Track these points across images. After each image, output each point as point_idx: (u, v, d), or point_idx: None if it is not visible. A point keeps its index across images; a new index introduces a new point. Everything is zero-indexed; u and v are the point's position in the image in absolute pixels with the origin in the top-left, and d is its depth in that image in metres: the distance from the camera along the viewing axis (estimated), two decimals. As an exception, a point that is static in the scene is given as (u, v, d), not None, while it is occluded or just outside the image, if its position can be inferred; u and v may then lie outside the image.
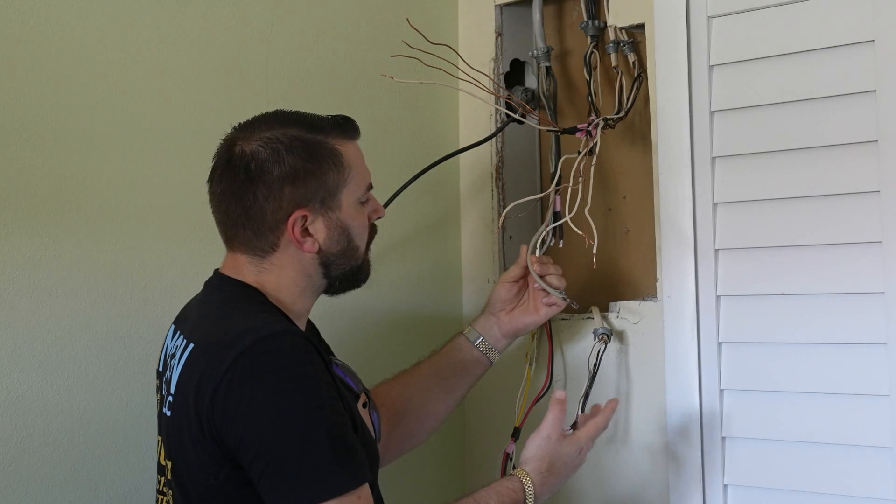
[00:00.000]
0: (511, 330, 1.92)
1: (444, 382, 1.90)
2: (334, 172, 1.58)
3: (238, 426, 1.44)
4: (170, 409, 1.55)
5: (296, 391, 1.45)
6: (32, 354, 1.74)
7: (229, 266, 1.62)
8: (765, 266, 1.88)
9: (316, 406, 1.45)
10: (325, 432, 1.44)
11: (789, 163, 1.85)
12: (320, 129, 1.60)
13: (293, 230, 1.56)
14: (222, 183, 1.59)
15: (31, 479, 1.73)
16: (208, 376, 1.47)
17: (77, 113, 1.79)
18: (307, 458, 1.43)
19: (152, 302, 1.85)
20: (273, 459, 1.43)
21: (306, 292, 1.62)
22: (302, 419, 1.44)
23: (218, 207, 1.61)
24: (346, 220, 1.60)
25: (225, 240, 1.63)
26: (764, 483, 1.88)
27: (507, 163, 2.26)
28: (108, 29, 1.83)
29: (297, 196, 1.55)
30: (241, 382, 1.44)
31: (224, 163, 1.59)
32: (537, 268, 1.89)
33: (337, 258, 1.61)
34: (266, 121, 1.60)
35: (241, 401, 1.44)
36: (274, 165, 1.55)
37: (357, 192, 1.61)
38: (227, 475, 1.48)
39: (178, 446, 1.54)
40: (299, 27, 2.06)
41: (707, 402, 1.92)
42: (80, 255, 1.79)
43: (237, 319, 1.52)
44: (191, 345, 1.54)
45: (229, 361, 1.45)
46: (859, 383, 1.78)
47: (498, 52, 2.25)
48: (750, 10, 1.88)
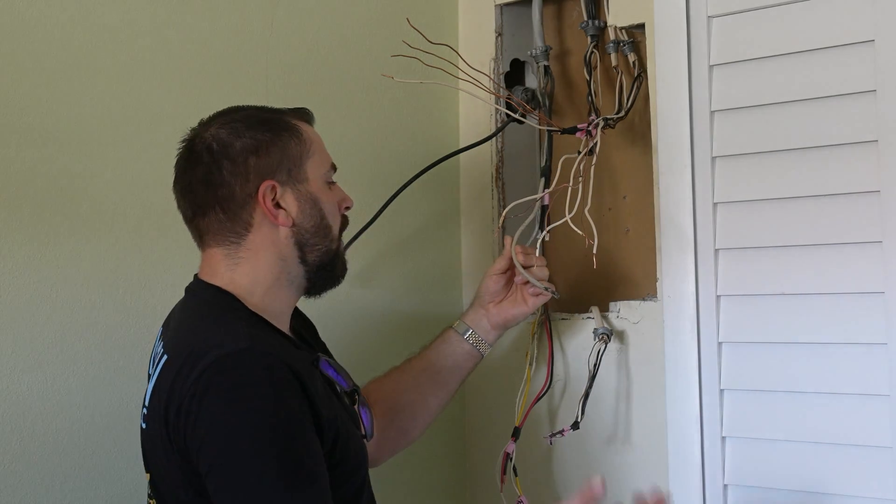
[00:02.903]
0: (500, 321, 1.92)
1: (436, 377, 1.90)
2: (295, 142, 1.59)
3: (196, 442, 1.43)
4: (145, 421, 1.55)
5: (249, 412, 1.42)
6: (32, 354, 1.74)
7: (205, 269, 1.61)
8: (765, 266, 1.88)
9: (269, 427, 1.42)
10: (275, 456, 1.41)
11: (789, 163, 1.85)
12: (275, 111, 1.63)
13: (265, 202, 1.56)
14: (186, 175, 1.59)
15: (31, 479, 1.73)
16: (177, 391, 1.46)
17: (77, 113, 1.79)
18: (255, 482, 1.40)
19: (152, 302, 1.85)
20: (223, 479, 1.42)
21: (282, 282, 1.60)
22: (251, 441, 1.41)
23: (186, 201, 1.60)
24: (316, 194, 1.60)
25: (198, 237, 1.61)
26: (764, 483, 1.88)
27: (507, 163, 2.26)
28: (108, 29, 1.83)
29: (261, 166, 1.56)
30: (200, 399, 1.43)
31: (186, 155, 1.60)
32: (521, 258, 1.89)
33: (311, 236, 1.60)
34: (222, 112, 1.63)
35: (200, 417, 1.43)
36: (235, 140, 1.57)
37: (322, 168, 1.62)
38: (197, 491, 1.46)
39: (154, 459, 1.53)
40: (299, 27, 2.06)
41: (707, 402, 1.92)
42: (80, 255, 1.79)
43: (207, 332, 1.51)
44: (164, 356, 1.53)
45: (194, 377, 1.44)
46: (859, 383, 1.78)
47: (498, 51, 2.25)
48: (750, 10, 1.88)
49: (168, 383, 1.48)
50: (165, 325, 1.64)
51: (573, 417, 1.91)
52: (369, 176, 2.09)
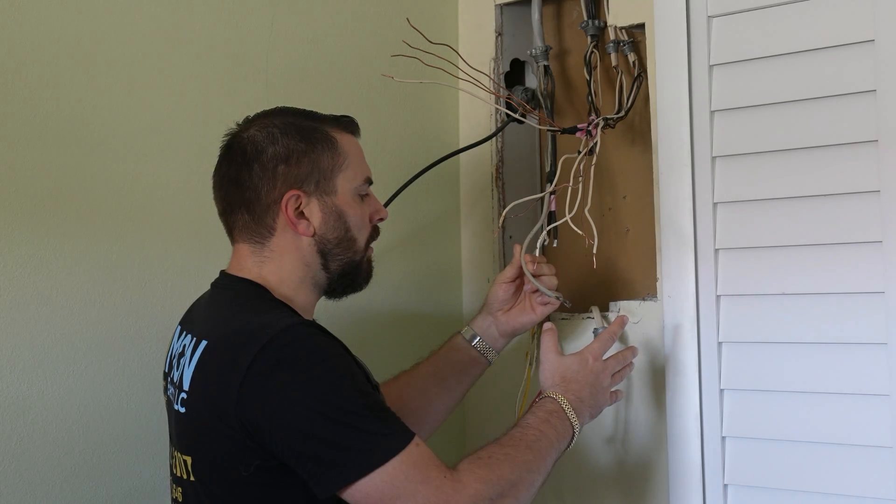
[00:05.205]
0: (509, 329, 1.92)
1: (443, 383, 1.91)
2: (328, 155, 1.61)
3: (273, 418, 1.46)
4: (183, 405, 1.56)
5: (326, 373, 1.47)
6: (32, 354, 1.74)
7: (234, 263, 1.64)
8: (765, 266, 1.88)
9: (350, 382, 1.48)
10: (364, 403, 1.47)
11: (789, 163, 1.85)
12: (317, 118, 1.65)
13: (287, 210, 1.59)
14: (221, 170, 1.64)
15: (31, 479, 1.73)
16: (229, 372, 1.48)
17: (77, 113, 1.79)
18: (359, 430, 1.45)
19: (152, 302, 1.85)
20: (325, 440, 1.45)
21: (307, 284, 1.63)
22: (340, 396, 1.46)
23: (218, 196, 1.65)
24: (343, 207, 1.62)
25: (228, 231, 1.65)
26: (764, 483, 1.88)
27: (507, 163, 2.26)
28: (108, 29, 1.83)
29: (290, 176, 1.59)
30: (268, 375, 1.46)
31: (224, 152, 1.64)
32: (531, 267, 1.89)
33: (334, 246, 1.62)
34: (266, 113, 1.66)
35: (273, 392, 1.46)
36: (268, 146, 1.60)
37: (354, 182, 1.64)
38: (259, 467, 1.49)
39: (197, 441, 1.55)
40: (299, 27, 2.06)
41: (707, 402, 1.92)
42: (80, 255, 1.79)
43: (248, 316, 1.54)
44: (203, 342, 1.55)
45: (251, 357, 1.46)
46: (859, 383, 1.78)
47: (498, 51, 2.25)
48: (750, 9, 1.88)
49: (217, 365, 1.51)
50: (186, 321, 1.66)
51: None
52: (369, 176, 2.09)
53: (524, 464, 1.57)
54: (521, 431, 1.63)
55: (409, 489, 1.45)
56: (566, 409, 1.70)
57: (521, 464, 1.57)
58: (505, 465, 1.54)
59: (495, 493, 1.51)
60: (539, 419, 1.66)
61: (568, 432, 1.69)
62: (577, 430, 1.70)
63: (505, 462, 1.55)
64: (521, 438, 1.61)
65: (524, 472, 1.57)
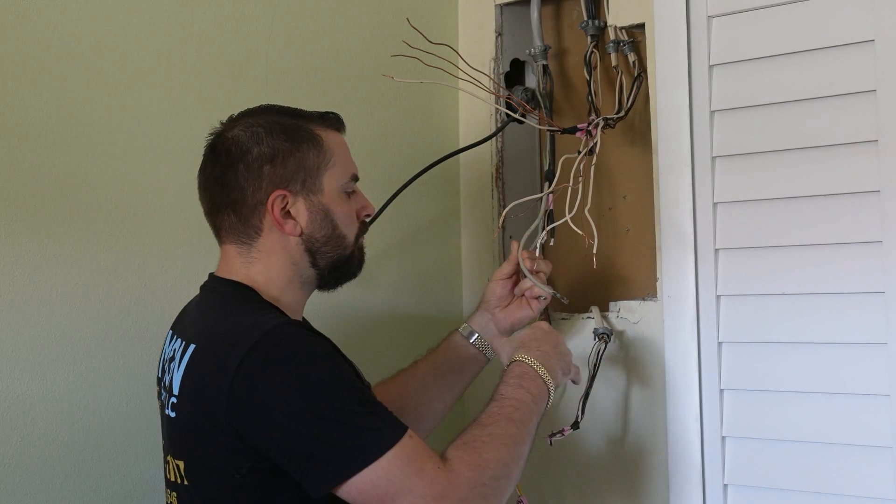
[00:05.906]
0: (506, 326, 1.92)
1: (442, 380, 1.91)
2: (314, 154, 1.60)
3: (263, 418, 1.45)
4: (173, 409, 1.55)
5: (315, 371, 1.47)
6: (32, 354, 1.74)
7: (222, 265, 1.64)
8: (765, 266, 1.88)
9: (339, 379, 1.48)
10: (355, 399, 1.47)
11: (789, 163, 1.85)
12: (301, 116, 1.64)
13: (273, 210, 1.58)
14: (206, 170, 1.63)
15: (31, 479, 1.73)
16: (218, 375, 1.47)
17: (77, 113, 1.79)
18: (351, 426, 1.44)
19: (152, 302, 1.85)
20: (317, 438, 1.44)
21: (295, 283, 1.63)
22: (330, 394, 1.46)
23: (204, 196, 1.64)
24: (329, 205, 1.62)
25: (215, 232, 1.65)
26: (764, 483, 1.88)
27: (507, 163, 2.26)
28: (108, 29, 1.83)
29: (276, 176, 1.58)
30: (257, 376, 1.45)
31: (208, 152, 1.63)
32: (528, 263, 1.89)
33: (322, 245, 1.62)
34: (250, 112, 1.65)
35: (262, 393, 1.45)
36: (253, 146, 1.59)
37: (341, 179, 1.63)
38: (251, 468, 1.49)
39: (189, 445, 1.54)
40: (299, 27, 2.06)
41: (707, 402, 1.92)
42: (80, 255, 1.79)
43: (237, 318, 1.53)
44: (192, 346, 1.54)
45: (239, 358, 1.46)
46: (859, 383, 1.78)
47: (498, 51, 2.25)
48: (750, 9, 1.88)
49: (205, 368, 1.51)
50: (177, 325, 1.65)
51: (573, 417, 1.91)
52: (369, 176, 2.07)
53: (509, 439, 1.56)
54: (499, 405, 1.62)
55: (406, 483, 1.45)
56: (536, 368, 1.69)
57: (507, 440, 1.56)
58: (492, 447, 1.53)
59: (488, 476, 1.50)
60: (512, 387, 1.65)
61: (543, 391, 1.67)
62: (551, 388, 1.69)
63: (491, 444, 1.54)
64: (500, 413, 1.60)
65: (511, 448, 1.56)
